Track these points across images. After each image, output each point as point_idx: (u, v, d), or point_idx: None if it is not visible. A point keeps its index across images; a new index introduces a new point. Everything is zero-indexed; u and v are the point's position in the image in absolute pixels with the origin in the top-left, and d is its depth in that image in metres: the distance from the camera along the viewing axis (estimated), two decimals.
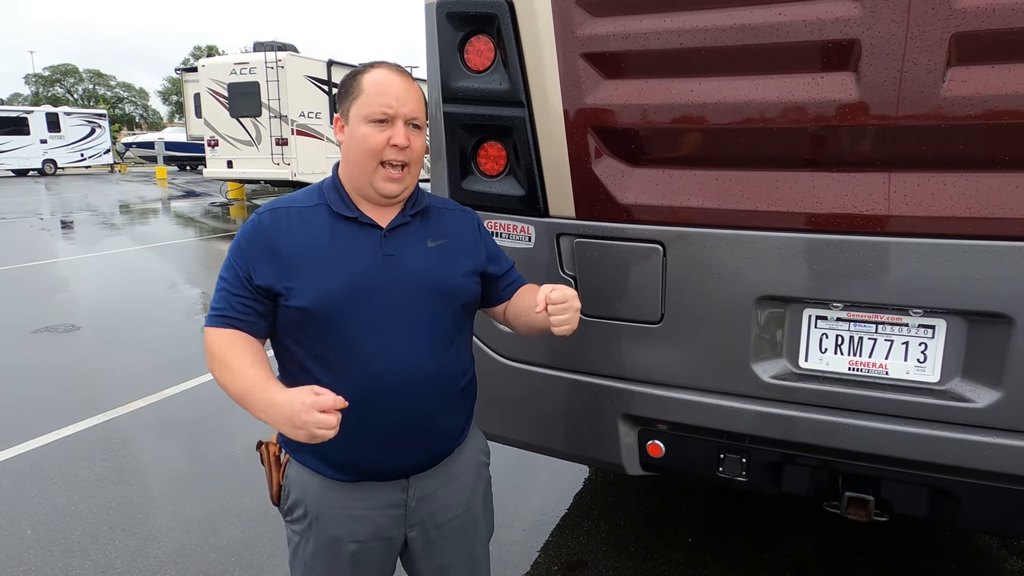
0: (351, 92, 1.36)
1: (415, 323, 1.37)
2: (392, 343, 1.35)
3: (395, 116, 1.33)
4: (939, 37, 1.48)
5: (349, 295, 1.32)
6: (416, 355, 1.37)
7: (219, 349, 1.33)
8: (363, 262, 1.34)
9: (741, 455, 1.89)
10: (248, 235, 1.37)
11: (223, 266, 1.38)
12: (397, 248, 1.38)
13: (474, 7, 1.91)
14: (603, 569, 2.68)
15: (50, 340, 5.82)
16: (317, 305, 1.31)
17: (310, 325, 1.33)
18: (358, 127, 1.34)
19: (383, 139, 1.32)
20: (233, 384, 1.30)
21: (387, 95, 1.33)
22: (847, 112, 1.59)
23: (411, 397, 1.37)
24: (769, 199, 1.72)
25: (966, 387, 1.65)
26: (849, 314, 1.73)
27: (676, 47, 1.72)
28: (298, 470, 1.43)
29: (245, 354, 1.31)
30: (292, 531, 1.47)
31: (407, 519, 1.46)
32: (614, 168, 1.87)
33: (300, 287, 1.31)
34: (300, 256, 1.33)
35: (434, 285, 1.40)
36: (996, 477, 1.64)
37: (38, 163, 30.06)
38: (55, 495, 3.25)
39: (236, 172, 15.53)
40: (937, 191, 1.58)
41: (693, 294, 1.83)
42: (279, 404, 1.21)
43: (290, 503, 1.45)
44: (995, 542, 2.84)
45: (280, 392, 1.23)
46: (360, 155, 1.34)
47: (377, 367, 1.34)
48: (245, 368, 1.29)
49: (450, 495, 1.50)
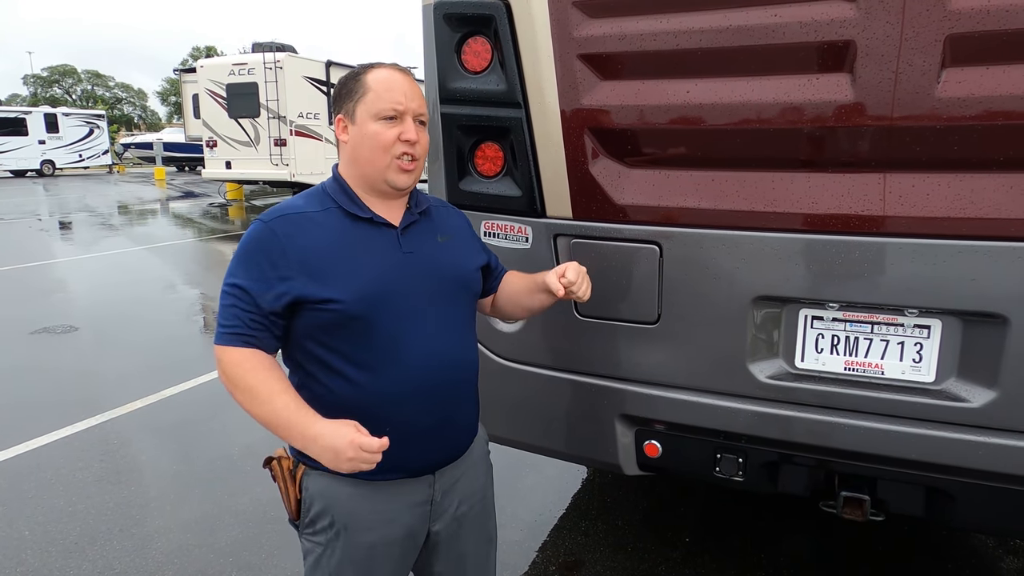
0: (355, 92, 1.37)
1: (443, 317, 1.41)
2: (425, 338, 1.37)
3: (404, 112, 1.36)
4: (934, 39, 1.49)
5: (382, 294, 1.33)
6: (447, 348, 1.41)
7: (241, 375, 1.28)
8: (388, 261, 1.36)
9: (737, 455, 1.90)
10: (260, 246, 1.31)
11: (230, 279, 1.32)
12: (414, 245, 1.41)
13: (471, 8, 1.92)
14: (600, 569, 2.68)
15: (48, 341, 5.81)
16: (355, 307, 1.30)
17: (345, 328, 1.31)
18: (368, 125, 1.35)
19: (394, 134, 1.35)
20: (261, 412, 1.27)
21: (396, 92, 1.36)
22: (842, 113, 1.60)
23: (446, 390, 1.41)
24: (765, 200, 1.73)
25: (961, 387, 1.65)
26: (845, 314, 1.73)
27: (672, 48, 1.73)
28: (320, 479, 1.38)
29: (270, 379, 1.28)
30: (313, 543, 1.41)
31: (432, 514, 1.46)
32: (611, 169, 1.88)
33: (334, 290, 1.29)
34: (325, 259, 1.31)
35: (453, 278, 1.45)
36: (991, 477, 1.64)
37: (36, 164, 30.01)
38: (53, 496, 3.25)
39: (235, 173, 15.52)
40: (932, 192, 1.58)
41: (690, 294, 1.84)
42: (322, 438, 1.22)
43: (312, 515, 1.39)
44: (991, 541, 2.85)
45: (318, 423, 1.24)
46: (372, 152, 1.36)
47: (414, 363, 1.35)
48: (275, 397, 1.26)
49: (468, 485, 1.53)
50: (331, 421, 1.24)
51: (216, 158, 15.45)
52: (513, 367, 2.12)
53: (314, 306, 1.30)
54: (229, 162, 15.27)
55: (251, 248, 1.32)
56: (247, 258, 1.32)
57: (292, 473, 1.41)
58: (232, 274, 1.32)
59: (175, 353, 5.45)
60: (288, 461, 1.43)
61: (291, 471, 1.41)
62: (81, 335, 6.00)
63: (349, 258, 1.33)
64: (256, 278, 1.29)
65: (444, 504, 1.48)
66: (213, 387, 4.71)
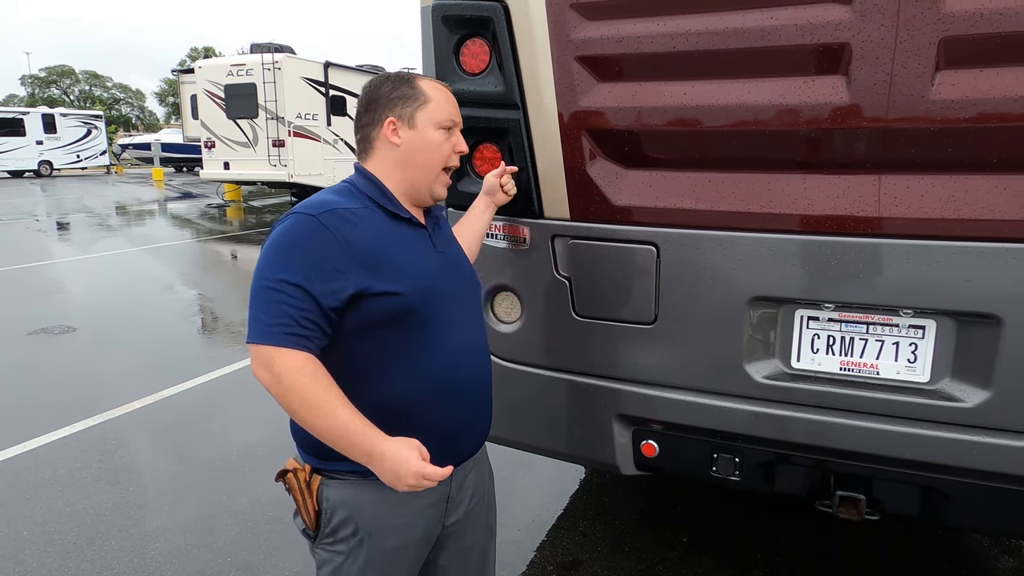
0: (413, 97, 1.38)
1: (474, 311, 1.48)
2: (464, 331, 1.42)
3: (456, 125, 1.44)
4: (928, 42, 1.50)
5: (432, 289, 1.36)
6: (479, 341, 1.47)
7: (299, 382, 1.20)
8: (431, 257, 1.40)
9: (734, 455, 1.91)
10: (311, 240, 1.24)
11: (277, 274, 1.22)
12: (442, 245, 1.46)
13: (469, 10, 1.93)
14: (598, 569, 2.69)
15: (46, 342, 5.81)
16: (414, 298, 1.30)
17: (402, 321, 1.30)
18: (429, 132, 1.38)
19: (451, 146, 1.42)
20: (322, 425, 1.21)
21: (452, 105, 1.43)
22: (838, 115, 1.61)
23: (473, 386, 1.44)
24: (761, 201, 1.74)
25: (955, 387, 1.66)
26: (840, 314, 1.74)
27: (669, 51, 1.74)
28: (342, 488, 1.34)
29: (331, 391, 1.22)
30: (333, 552, 1.37)
31: (447, 512, 1.47)
32: (608, 170, 1.89)
33: (393, 283, 1.28)
34: (378, 254, 1.29)
35: (471, 278, 1.53)
36: (986, 476, 1.66)
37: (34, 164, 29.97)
38: (51, 496, 3.25)
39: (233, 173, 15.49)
40: (926, 193, 1.59)
41: (687, 295, 1.85)
42: (387, 460, 1.21)
43: (335, 524, 1.35)
44: (987, 541, 2.86)
45: (384, 443, 1.22)
46: (430, 159, 1.39)
47: (458, 356, 1.39)
48: (339, 411, 1.21)
49: (476, 480, 1.55)
50: (396, 441, 1.22)
51: (214, 159, 15.43)
52: (511, 367, 2.13)
53: (374, 299, 1.26)
54: (227, 163, 15.25)
55: (301, 242, 1.24)
56: (297, 251, 1.23)
57: (308, 484, 1.36)
58: (277, 268, 1.23)
59: (173, 354, 5.45)
60: (303, 473, 1.36)
61: (307, 483, 1.36)
62: (79, 336, 6.00)
63: (400, 253, 1.34)
64: (311, 272, 1.22)
65: (459, 498, 1.49)
66: (211, 388, 4.71)
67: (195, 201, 19.29)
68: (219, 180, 16.97)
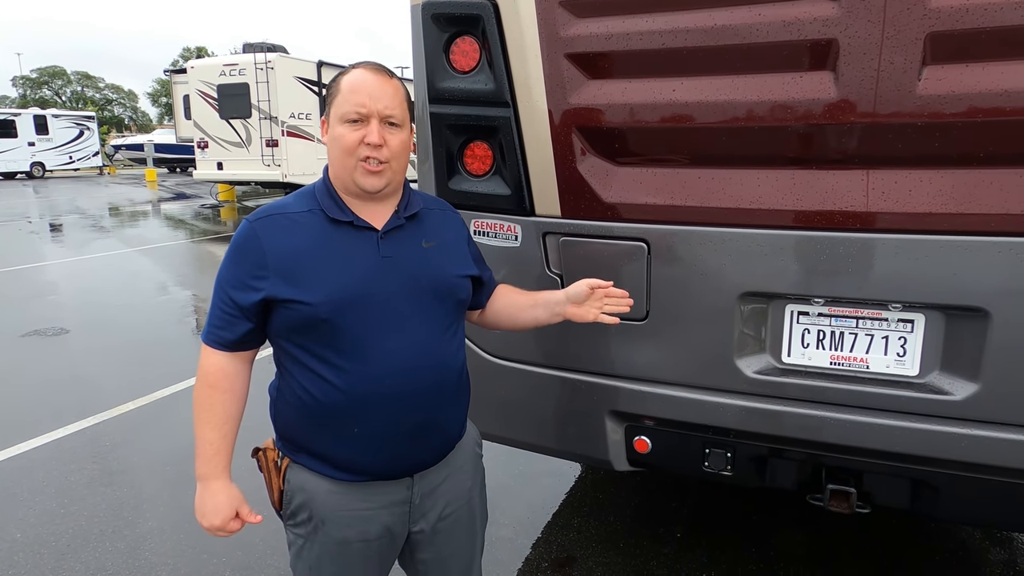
0: (331, 94, 1.38)
1: (417, 323, 1.40)
2: (396, 343, 1.36)
3: (368, 115, 1.34)
4: (914, 37, 1.51)
5: (353, 298, 1.33)
6: (419, 355, 1.39)
7: (200, 384, 1.40)
8: (363, 265, 1.36)
9: (726, 450, 1.92)
10: (241, 245, 1.35)
11: (218, 278, 1.38)
12: (394, 250, 1.40)
13: (459, 8, 1.93)
14: (593, 565, 2.70)
15: (39, 343, 5.79)
16: (323, 309, 1.31)
17: (315, 329, 1.33)
18: (335, 127, 1.36)
19: (357, 138, 1.34)
20: (194, 428, 1.40)
21: (360, 94, 1.34)
22: (826, 111, 1.61)
23: (416, 395, 1.39)
24: (751, 197, 1.75)
25: (944, 380, 1.68)
26: (830, 309, 1.75)
27: (658, 47, 1.74)
28: (300, 473, 1.43)
29: (214, 405, 1.39)
30: (295, 534, 1.46)
31: (411, 515, 1.47)
32: (599, 167, 1.89)
33: (304, 292, 1.31)
34: (300, 261, 1.33)
35: (432, 285, 1.42)
36: (974, 468, 1.67)
37: (26, 166, 29.85)
38: (45, 499, 3.24)
39: (226, 174, 15.46)
40: (914, 188, 1.60)
41: (677, 291, 1.85)
42: (202, 494, 1.42)
43: (293, 507, 1.44)
44: (979, 534, 2.89)
45: (214, 479, 1.41)
46: (339, 155, 1.37)
47: (383, 368, 1.35)
48: (204, 426, 1.39)
49: (452, 489, 1.53)
50: (219, 489, 1.41)
51: (207, 159, 15.39)
52: (503, 364, 2.14)
53: (283, 306, 1.32)
54: (220, 163, 15.21)
55: (236, 246, 1.37)
56: (230, 256, 1.37)
57: (277, 464, 1.46)
58: (220, 271, 1.38)
59: (167, 355, 5.43)
60: (274, 453, 1.48)
61: (276, 462, 1.47)
62: (72, 337, 5.98)
63: (324, 261, 1.34)
64: (236, 276, 1.35)
65: (425, 506, 1.48)
66: None
67: (189, 202, 19.23)
68: (213, 180, 16.92)
